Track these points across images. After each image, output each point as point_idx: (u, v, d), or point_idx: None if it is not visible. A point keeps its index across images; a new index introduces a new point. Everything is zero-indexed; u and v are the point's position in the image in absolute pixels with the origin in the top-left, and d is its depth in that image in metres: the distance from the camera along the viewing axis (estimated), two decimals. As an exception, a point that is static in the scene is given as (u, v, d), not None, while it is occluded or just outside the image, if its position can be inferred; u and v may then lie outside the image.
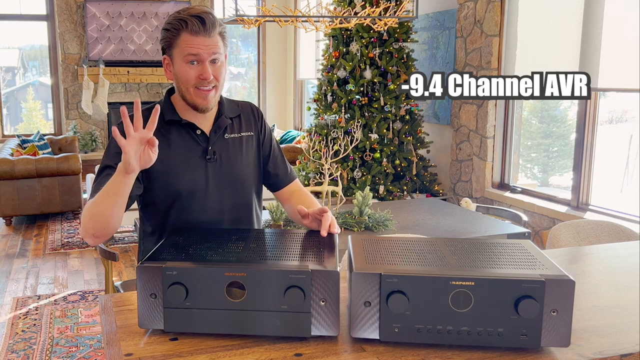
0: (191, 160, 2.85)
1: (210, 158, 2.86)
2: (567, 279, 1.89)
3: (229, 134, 2.93)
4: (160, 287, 1.99)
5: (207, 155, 2.86)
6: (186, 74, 2.72)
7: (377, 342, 2.00)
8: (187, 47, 2.68)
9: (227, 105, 2.99)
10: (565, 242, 3.99)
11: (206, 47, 2.69)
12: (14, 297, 6.60)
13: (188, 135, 2.87)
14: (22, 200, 9.41)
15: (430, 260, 2.08)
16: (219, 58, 2.75)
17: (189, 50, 2.68)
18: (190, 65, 2.71)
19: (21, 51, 14.91)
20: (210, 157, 2.86)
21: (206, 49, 2.69)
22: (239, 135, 2.96)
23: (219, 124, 2.90)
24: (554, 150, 8.66)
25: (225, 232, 2.54)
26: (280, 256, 2.14)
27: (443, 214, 5.52)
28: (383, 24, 7.39)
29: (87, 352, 5.30)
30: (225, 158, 2.89)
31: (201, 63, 2.71)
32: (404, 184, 8.61)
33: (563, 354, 1.93)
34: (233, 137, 2.94)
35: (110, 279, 4.64)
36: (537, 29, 7.45)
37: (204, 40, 2.68)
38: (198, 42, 2.67)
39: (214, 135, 2.89)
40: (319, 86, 9.24)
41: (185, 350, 1.95)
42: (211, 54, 2.70)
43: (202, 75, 2.70)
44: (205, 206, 2.88)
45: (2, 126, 13.78)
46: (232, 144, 2.93)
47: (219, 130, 2.90)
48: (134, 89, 14.03)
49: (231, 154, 2.91)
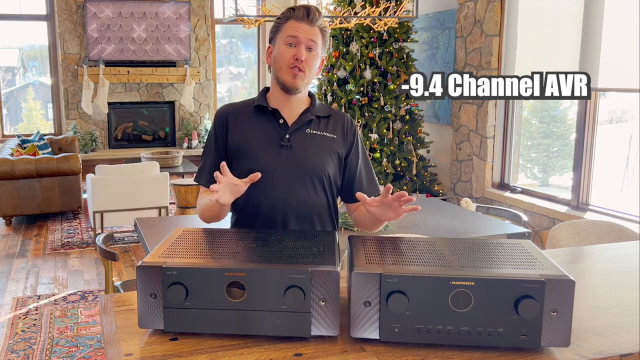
0: (267, 144, 2.98)
1: (284, 145, 2.96)
2: (567, 279, 1.89)
3: (310, 129, 3.03)
4: (160, 287, 1.99)
5: (282, 142, 2.97)
6: (283, 53, 2.93)
7: (377, 342, 1.99)
8: (290, 30, 2.92)
9: (318, 106, 3.11)
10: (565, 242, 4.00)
11: (306, 32, 2.91)
12: (14, 297, 6.60)
13: (270, 122, 3.03)
14: (22, 200, 9.41)
15: (430, 260, 2.08)
16: (315, 47, 2.95)
17: (290, 32, 2.92)
18: (289, 47, 2.92)
19: (21, 51, 14.92)
20: (285, 144, 2.96)
21: (305, 34, 2.91)
22: (320, 133, 3.04)
23: (302, 117, 3.02)
24: (554, 150, 8.67)
25: (226, 232, 2.54)
26: (280, 256, 2.14)
27: (443, 214, 5.52)
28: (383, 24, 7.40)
29: (87, 352, 5.30)
30: (299, 148, 2.98)
31: (298, 45, 2.91)
32: (404, 184, 8.62)
33: (563, 354, 1.93)
34: (314, 133, 3.03)
35: (110, 279, 4.63)
36: (537, 29, 7.45)
37: (305, 26, 2.92)
38: (300, 27, 2.91)
39: (294, 126, 3.00)
40: (319, 86, 9.26)
41: (185, 350, 1.95)
42: (309, 40, 2.91)
43: (297, 55, 2.89)
44: (274, 191, 2.96)
45: (2, 126, 13.79)
46: (310, 139, 3.01)
47: (301, 122, 3.01)
48: (134, 89, 14.05)
49: (306, 147, 2.99)
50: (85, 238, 8.90)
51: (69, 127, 13.60)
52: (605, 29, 6.42)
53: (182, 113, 14.52)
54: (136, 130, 14.46)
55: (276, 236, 2.43)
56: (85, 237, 8.97)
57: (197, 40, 14.35)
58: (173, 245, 2.26)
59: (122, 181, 8.48)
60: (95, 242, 4.73)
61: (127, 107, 14.26)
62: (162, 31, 13.75)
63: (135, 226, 5.18)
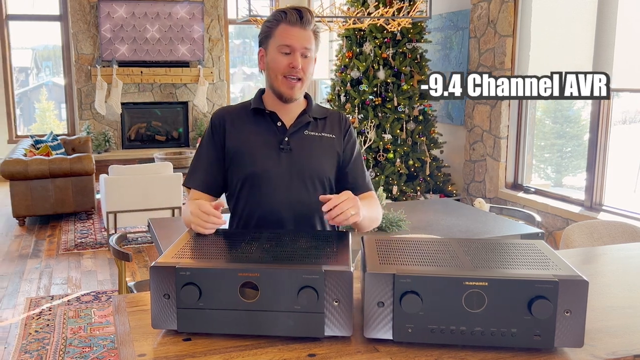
0: (266, 147, 2.96)
1: (283, 148, 2.95)
2: (581, 279, 1.89)
3: (309, 131, 3.02)
4: (174, 287, 1.99)
5: (281, 145, 2.95)
6: (278, 62, 2.88)
7: (391, 342, 1.99)
8: (283, 37, 2.87)
9: (315, 108, 3.10)
10: (578, 243, 3.99)
11: (300, 38, 2.86)
12: (28, 298, 6.62)
13: (268, 125, 3.01)
14: (36, 201, 9.43)
15: (444, 261, 2.08)
16: (310, 53, 2.90)
17: (283, 40, 2.86)
18: (283, 55, 2.87)
19: (34, 51, 14.97)
20: (284, 147, 2.95)
21: (300, 40, 2.85)
22: (319, 134, 3.04)
23: (300, 120, 3.01)
24: (568, 150, 8.65)
25: (239, 233, 2.54)
26: (294, 256, 2.14)
27: (456, 214, 5.51)
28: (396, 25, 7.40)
29: (100, 353, 5.31)
30: (298, 151, 2.97)
31: (293, 53, 2.86)
32: (417, 184, 8.62)
33: (576, 354, 1.93)
34: (312, 134, 3.02)
35: (124, 280, 4.64)
36: (550, 29, 7.44)
37: (299, 31, 2.86)
38: (293, 33, 2.85)
39: (293, 129, 2.99)
40: (333, 86, 9.27)
41: (199, 351, 1.95)
42: (303, 46, 2.86)
43: (292, 64, 2.85)
44: (274, 194, 2.95)
45: (16, 126, 13.84)
46: (309, 140, 3.01)
47: (299, 125, 3.00)
48: (147, 89, 14.08)
49: (305, 149, 2.98)
50: (99, 238, 8.92)
51: (82, 128, 13.63)
52: (619, 29, 6.41)
53: (196, 113, 14.55)
54: (149, 131, 14.50)
55: (289, 236, 2.43)
56: (98, 237, 8.99)
57: (211, 41, 14.37)
58: (186, 246, 2.26)
59: (135, 182, 8.50)
60: (109, 243, 4.74)
61: (141, 107, 14.31)
62: (176, 31, 13.78)
63: (149, 226, 5.19)
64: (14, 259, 8.02)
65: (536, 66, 7.69)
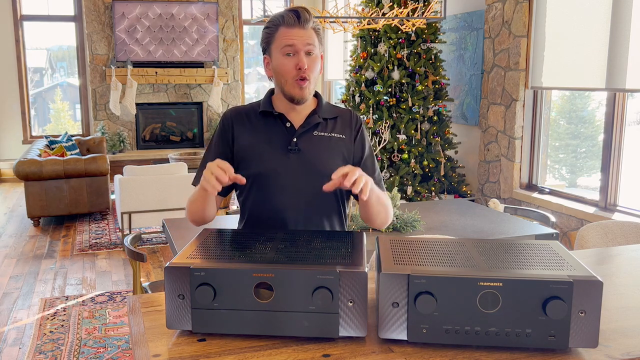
0: (274, 148, 2.97)
1: (292, 149, 2.96)
2: (595, 279, 1.88)
3: (318, 132, 3.02)
4: (188, 287, 1.99)
5: (290, 146, 2.96)
6: (284, 65, 2.89)
7: (405, 343, 1.99)
8: (284, 39, 2.87)
9: (325, 107, 3.10)
10: (593, 243, 3.98)
11: (301, 37, 2.86)
12: (42, 298, 6.64)
13: (277, 126, 3.02)
14: (50, 201, 9.46)
15: (458, 261, 2.08)
16: (314, 50, 2.91)
17: (285, 41, 2.87)
18: (287, 57, 2.87)
19: (49, 52, 15.02)
20: (292, 148, 2.96)
21: (301, 39, 2.86)
22: (328, 135, 3.03)
23: (308, 121, 3.01)
24: (582, 151, 8.63)
25: (254, 233, 2.54)
26: (308, 257, 2.13)
27: (471, 214, 5.51)
28: (411, 25, 7.39)
29: (115, 353, 5.32)
30: (307, 152, 2.97)
31: (297, 54, 2.87)
32: (432, 184, 8.61)
33: (591, 355, 1.92)
34: (322, 135, 3.02)
35: (138, 280, 4.65)
36: (565, 29, 7.42)
37: (299, 31, 2.87)
38: (293, 34, 2.87)
39: (301, 129, 2.99)
40: (347, 87, 9.26)
41: (213, 351, 1.95)
42: (306, 44, 2.87)
43: (298, 65, 2.86)
44: (282, 195, 2.96)
45: (30, 127, 13.89)
46: (318, 141, 3.01)
47: (308, 125, 3.00)
48: (162, 89, 14.10)
49: (315, 150, 2.98)
50: (113, 239, 8.95)
51: (97, 128, 13.67)
52: (634, 29, 6.39)
53: (210, 114, 14.57)
54: (164, 131, 14.52)
55: (304, 237, 2.43)
56: (113, 238, 9.02)
57: (225, 41, 14.39)
58: (201, 246, 2.26)
59: (150, 182, 8.51)
60: (123, 243, 4.75)
61: (155, 108, 14.33)
62: (190, 32, 13.80)
63: (163, 227, 5.20)
64: (29, 259, 8.04)
65: (551, 66, 7.68)
